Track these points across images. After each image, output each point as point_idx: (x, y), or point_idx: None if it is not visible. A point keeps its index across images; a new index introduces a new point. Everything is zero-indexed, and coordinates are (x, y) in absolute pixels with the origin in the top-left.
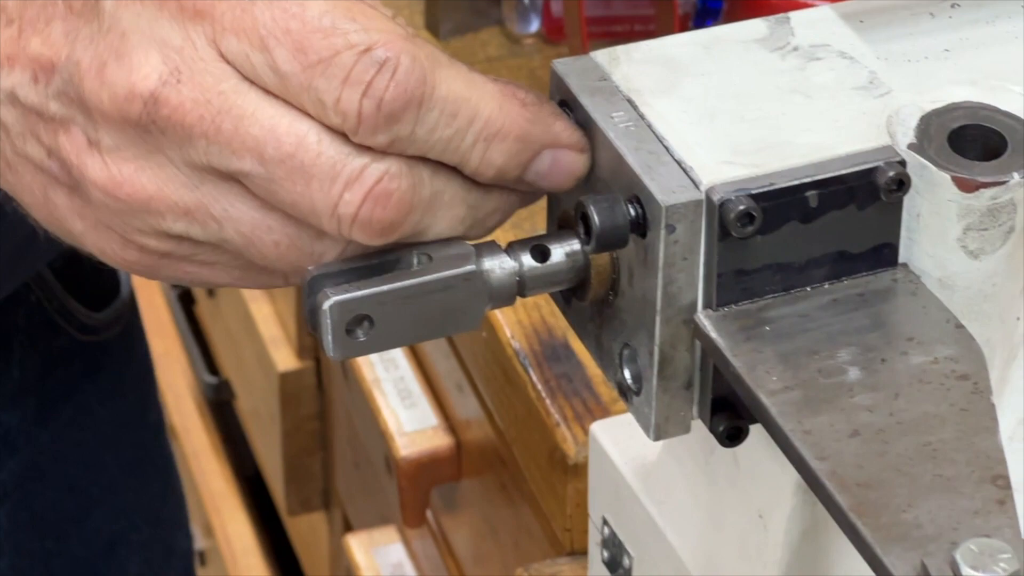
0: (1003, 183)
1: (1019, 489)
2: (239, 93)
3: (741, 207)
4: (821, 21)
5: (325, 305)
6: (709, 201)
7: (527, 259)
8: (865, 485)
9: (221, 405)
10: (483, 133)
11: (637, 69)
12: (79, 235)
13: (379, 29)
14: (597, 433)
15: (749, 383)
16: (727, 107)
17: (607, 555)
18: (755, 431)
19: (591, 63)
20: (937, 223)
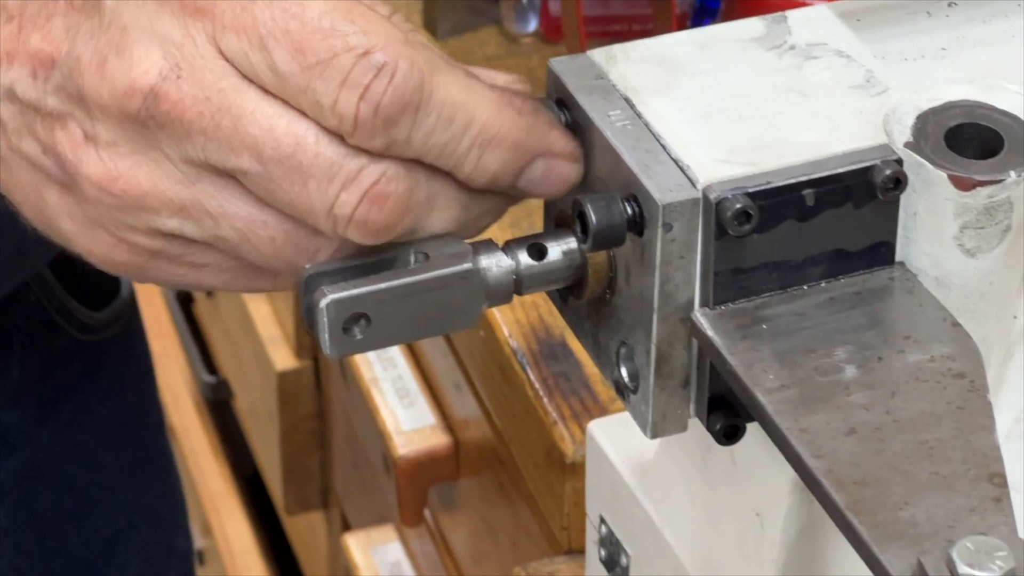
0: (1000, 182)
1: (1016, 487)
2: (238, 91)
3: (738, 205)
4: (818, 20)
5: (322, 303)
6: (706, 199)
7: (524, 257)
8: (861, 483)
9: (219, 404)
10: (478, 139)
11: (634, 68)
12: (68, 234)
13: (378, 32)
14: (594, 432)
15: (746, 381)
16: (724, 106)
17: (604, 554)
18: (752, 429)
19: (588, 62)
20: (934, 221)
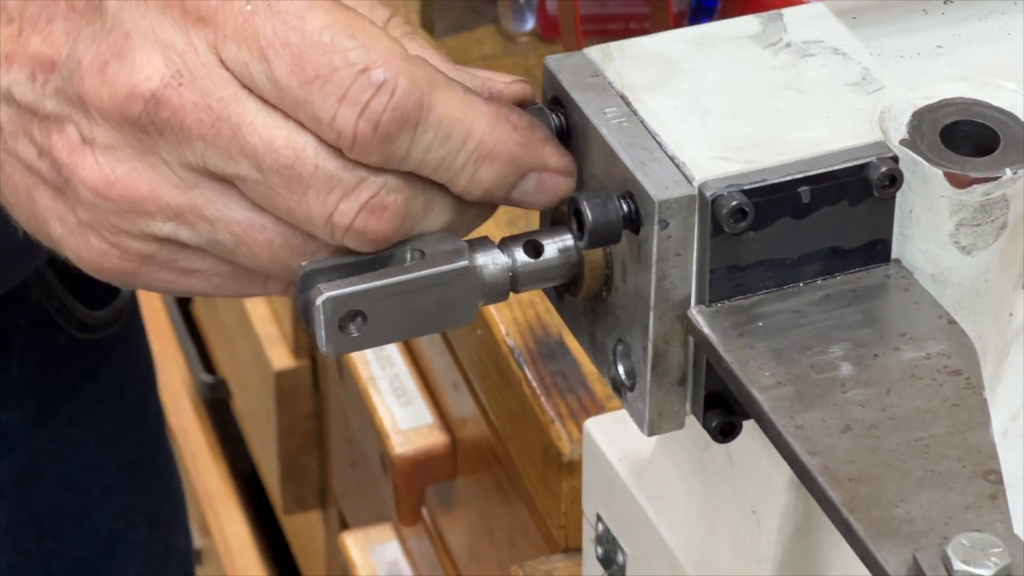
0: (995, 179)
1: (1011, 484)
2: (238, 101)
3: (734, 203)
4: (814, 18)
5: (318, 300)
6: (702, 197)
7: (520, 255)
8: (857, 480)
9: (217, 404)
10: (474, 155)
11: (630, 65)
12: (58, 238)
13: (378, 48)
14: (591, 430)
15: (742, 378)
16: (720, 103)
17: (601, 552)
18: (748, 427)
19: (584, 59)
20: (929, 219)
